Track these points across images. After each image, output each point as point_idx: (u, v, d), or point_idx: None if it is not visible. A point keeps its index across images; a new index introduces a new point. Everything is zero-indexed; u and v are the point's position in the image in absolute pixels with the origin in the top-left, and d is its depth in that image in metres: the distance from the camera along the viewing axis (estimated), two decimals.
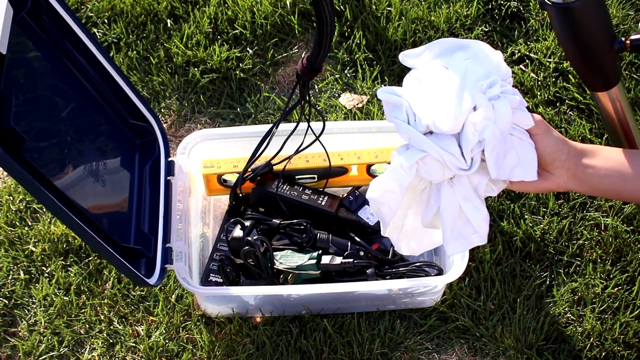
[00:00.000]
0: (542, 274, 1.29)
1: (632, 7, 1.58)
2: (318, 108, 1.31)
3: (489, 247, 1.29)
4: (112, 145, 1.15)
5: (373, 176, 1.28)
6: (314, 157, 1.25)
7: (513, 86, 0.84)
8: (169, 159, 1.22)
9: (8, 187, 1.39)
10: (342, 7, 1.57)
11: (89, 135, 1.08)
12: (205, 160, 1.27)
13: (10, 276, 1.31)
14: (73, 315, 1.26)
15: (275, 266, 1.16)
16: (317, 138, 1.18)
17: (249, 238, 1.15)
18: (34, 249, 1.32)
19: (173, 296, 1.27)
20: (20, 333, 1.26)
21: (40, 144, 0.91)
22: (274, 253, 1.17)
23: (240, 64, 1.53)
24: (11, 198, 1.38)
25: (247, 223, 1.18)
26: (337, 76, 1.51)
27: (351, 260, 1.15)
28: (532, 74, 1.49)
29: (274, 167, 1.25)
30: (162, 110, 1.49)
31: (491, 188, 0.86)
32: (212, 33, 1.57)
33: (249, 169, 1.22)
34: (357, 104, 1.47)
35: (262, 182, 1.25)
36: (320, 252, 1.17)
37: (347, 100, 1.48)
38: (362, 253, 1.17)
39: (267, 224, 1.21)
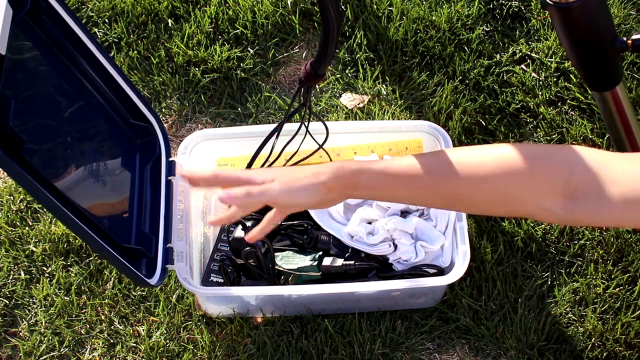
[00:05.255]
0: (543, 274, 1.28)
1: (634, 7, 1.57)
2: (319, 115, 1.31)
3: (490, 247, 1.29)
4: (113, 146, 1.15)
5: None
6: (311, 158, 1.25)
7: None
8: (170, 159, 1.21)
9: (9, 187, 1.39)
10: (343, 6, 1.57)
11: (90, 135, 1.08)
12: (220, 158, 1.27)
13: (11, 276, 1.31)
14: (74, 316, 1.26)
15: (276, 267, 1.16)
16: (321, 146, 1.18)
17: None
18: (34, 249, 1.32)
19: (174, 296, 1.27)
20: (20, 333, 1.26)
21: (40, 144, 0.91)
22: (275, 254, 1.17)
23: (241, 64, 1.53)
24: (12, 198, 1.38)
25: (249, 223, 1.18)
26: (338, 76, 1.51)
27: (352, 262, 1.15)
28: (533, 74, 1.49)
29: None
30: (163, 110, 1.49)
31: None
32: (213, 33, 1.57)
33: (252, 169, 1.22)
34: (358, 104, 1.47)
35: None
36: (321, 253, 1.17)
37: (348, 100, 1.48)
38: (363, 255, 1.16)
39: None
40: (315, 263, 1.15)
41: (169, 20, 1.58)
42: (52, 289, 1.28)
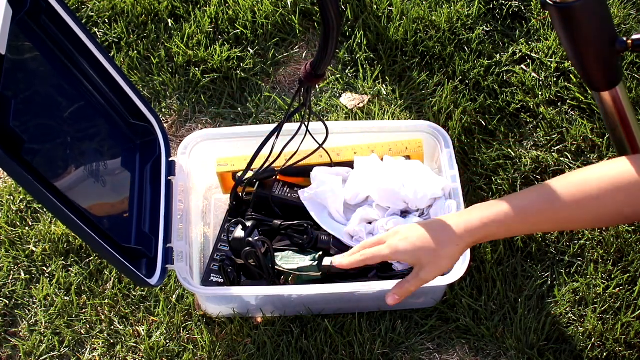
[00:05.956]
0: (543, 274, 1.28)
1: (634, 7, 1.57)
2: (319, 115, 1.31)
3: (490, 247, 1.29)
4: (113, 146, 1.15)
5: None
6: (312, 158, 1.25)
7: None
8: (170, 159, 1.21)
9: (9, 186, 1.39)
10: (343, 6, 1.57)
11: (90, 135, 1.08)
12: (220, 158, 1.27)
13: (11, 276, 1.31)
14: (74, 316, 1.26)
15: (276, 267, 1.16)
16: (321, 145, 1.18)
17: (250, 239, 1.14)
18: (34, 249, 1.32)
19: (174, 296, 1.27)
20: (20, 333, 1.26)
21: (40, 144, 0.91)
22: (275, 254, 1.17)
23: (241, 64, 1.53)
24: (12, 198, 1.38)
25: (249, 223, 1.17)
26: (338, 76, 1.51)
27: None
28: (533, 74, 1.49)
29: (276, 169, 1.24)
30: (163, 110, 1.49)
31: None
32: (213, 33, 1.57)
33: (252, 168, 1.22)
34: (358, 104, 1.47)
35: (263, 186, 1.25)
36: (321, 253, 1.17)
37: (348, 100, 1.48)
38: None
39: (268, 224, 1.21)
40: (315, 263, 1.15)
41: (169, 20, 1.58)
42: (52, 289, 1.28)
